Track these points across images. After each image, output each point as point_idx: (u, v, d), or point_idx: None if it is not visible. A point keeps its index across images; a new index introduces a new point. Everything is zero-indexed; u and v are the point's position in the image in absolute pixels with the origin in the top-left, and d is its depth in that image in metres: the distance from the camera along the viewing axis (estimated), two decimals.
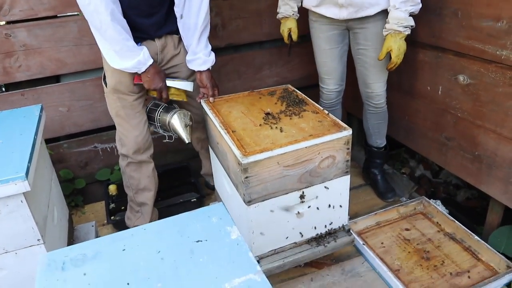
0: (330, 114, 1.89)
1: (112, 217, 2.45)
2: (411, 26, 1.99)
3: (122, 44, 1.81)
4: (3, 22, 2.24)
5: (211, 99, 2.09)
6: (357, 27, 2.17)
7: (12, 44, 2.26)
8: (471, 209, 2.56)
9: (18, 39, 2.27)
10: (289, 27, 2.31)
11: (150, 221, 2.26)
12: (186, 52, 2.12)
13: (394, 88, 2.53)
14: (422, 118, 2.39)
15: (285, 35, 2.35)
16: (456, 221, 2.16)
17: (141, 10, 1.90)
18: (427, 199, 2.36)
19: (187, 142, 2.09)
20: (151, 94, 2.07)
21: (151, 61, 1.92)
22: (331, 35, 2.26)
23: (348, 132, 1.74)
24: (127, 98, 2.03)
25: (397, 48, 2.01)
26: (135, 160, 2.16)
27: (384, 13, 2.07)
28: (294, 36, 2.33)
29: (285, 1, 2.28)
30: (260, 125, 1.83)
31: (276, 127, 1.79)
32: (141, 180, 2.21)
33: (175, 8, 1.99)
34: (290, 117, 1.89)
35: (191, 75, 2.18)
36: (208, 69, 2.10)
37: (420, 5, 1.99)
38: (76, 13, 2.36)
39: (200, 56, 2.06)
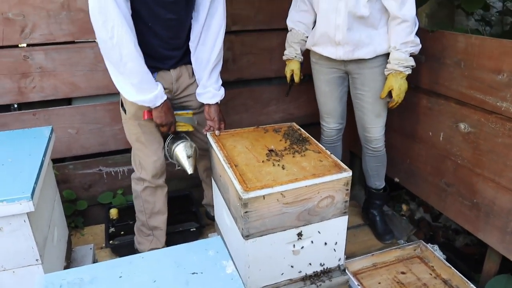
0: (332, 155, 1.93)
1: (111, 241, 2.46)
2: (412, 66, 2.06)
3: (142, 76, 1.85)
4: (24, 45, 2.33)
5: (217, 132, 2.14)
6: (355, 72, 2.23)
7: (29, 65, 2.35)
8: (469, 256, 2.55)
9: (36, 61, 2.35)
10: (291, 69, 2.38)
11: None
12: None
13: (396, 131, 2.58)
14: (423, 162, 2.42)
15: (288, 76, 2.41)
16: (453, 268, 2.16)
17: (170, 44, 1.97)
18: (424, 243, 2.36)
19: (189, 173, 2.13)
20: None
21: (165, 97, 1.97)
22: (332, 78, 2.33)
23: (348, 173, 1.77)
24: (147, 124, 2.08)
25: (398, 87, 2.07)
26: (153, 185, 2.21)
27: (381, 59, 2.15)
28: (296, 78, 2.39)
29: (289, 43, 2.35)
30: (263, 161, 1.86)
31: (279, 165, 1.82)
32: (156, 204, 2.26)
33: (190, 43, 2.07)
34: (292, 155, 1.92)
35: (202, 105, 2.23)
36: (217, 103, 2.16)
37: (420, 46, 2.06)
38: (93, 39, 2.45)
39: (210, 89, 2.12)
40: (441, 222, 2.88)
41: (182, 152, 2.13)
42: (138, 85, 1.86)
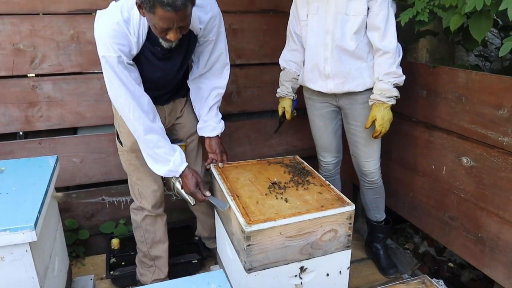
0: (335, 188, 1.93)
1: (111, 272, 2.43)
2: (395, 96, 2.09)
3: (153, 152, 1.90)
4: (33, 75, 2.37)
5: (220, 164, 2.16)
6: (347, 107, 2.27)
7: (37, 95, 2.39)
8: None
9: (44, 91, 2.40)
10: (283, 106, 2.42)
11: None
12: (191, 113, 2.23)
13: (399, 164, 2.59)
14: (426, 196, 2.42)
15: (280, 113, 2.46)
16: None
17: (157, 86, 2.00)
18: (429, 278, 2.32)
19: (192, 204, 2.14)
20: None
21: (183, 166, 1.95)
22: (325, 112, 2.36)
23: (351, 207, 1.77)
24: None
25: (380, 117, 2.10)
26: (153, 214, 2.21)
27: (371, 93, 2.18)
28: (287, 116, 2.43)
29: (282, 82, 2.40)
30: (266, 194, 1.87)
31: (281, 197, 1.83)
32: (157, 233, 2.25)
33: (189, 83, 2.13)
34: (296, 188, 1.93)
35: (190, 136, 2.26)
36: (217, 135, 2.18)
37: (403, 77, 2.09)
38: (100, 71, 2.50)
39: (210, 123, 2.15)
40: (446, 256, 2.84)
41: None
42: (152, 157, 1.92)
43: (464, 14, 1.87)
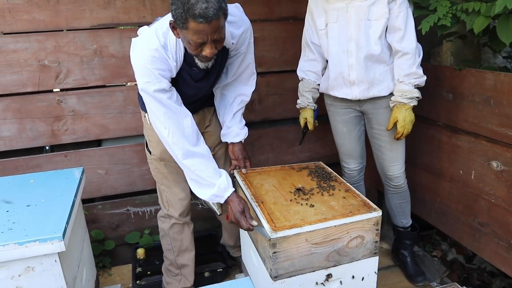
0: (360, 194, 1.90)
1: (137, 282, 2.45)
2: (417, 97, 2.06)
3: (195, 175, 1.84)
4: (58, 89, 2.43)
5: (243, 170, 2.15)
6: (371, 112, 2.24)
7: (63, 109, 2.44)
8: None
9: (68, 105, 2.45)
10: (305, 117, 2.40)
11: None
12: (217, 123, 2.24)
13: (425, 170, 2.54)
14: (454, 202, 2.36)
15: (302, 124, 2.43)
16: None
17: (189, 101, 1.98)
18: (459, 285, 2.26)
19: (219, 214, 2.14)
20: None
21: (229, 191, 1.84)
22: (348, 118, 2.33)
23: (378, 213, 1.74)
24: (173, 164, 2.11)
25: (402, 119, 2.07)
26: (180, 222, 2.22)
27: None
28: (310, 126, 2.40)
29: (301, 92, 2.38)
30: (290, 200, 1.86)
31: (307, 204, 1.81)
32: (184, 241, 2.26)
33: (215, 90, 2.13)
34: (321, 194, 1.91)
35: (218, 144, 2.27)
36: (241, 141, 2.18)
37: (424, 78, 2.06)
38: (123, 83, 2.55)
39: (233, 129, 2.15)
40: (476, 264, 2.76)
41: None
42: (195, 181, 1.86)
43: (489, 16, 1.83)
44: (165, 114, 1.76)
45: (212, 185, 1.82)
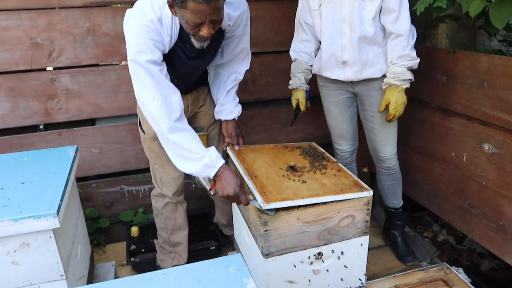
0: (352, 174, 1.92)
1: (132, 259, 2.48)
2: (409, 79, 2.06)
3: (181, 150, 1.76)
4: (51, 68, 2.41)
5: (236, 147, 2.16)
6: (363, 94, 2.25)
7: (56, 88, 2.43)
8: (495, 280, 2.47)
9: (62, 83, 2.43)
10: (297, 98, 2.40)
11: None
12: (213, 101, 2.24)
13: (418, 152, 2.56)
14: (446, 183, 2.39)
15: (294, 105, 2.43)
16: None
17: (184, 81, 1.99)
18: (448, 265, 2.30)
19: (212, 194, 2.16)
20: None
21: (221, 162, 1.76)
22: (340, 100, 2.34)
23: (369, 193, 1.76)
24: None
25: (394, 101, 2.08)
26: (174, 201, 2.24)
27: None
28: (302, 107, 2.40)
29: (294, 73, 2.37)
30: (283, 176, 1.87)
31: (299, 180, 1.83)
32: (177, 220, 2.29)
33: (209, 68, 2.12)
34: (313, 172, 1.93)
35: (212, 123, 2.28)
36: (234, 119, 2.19)
37: (418, 60, 2.06)
38: (116, 62, 2.53)
39: (227, 106, 2.16)
40: (466, 245, 2.81)
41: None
42: (183, 156, 1.77)
43: None
44: (154, 87, 1.70)
45: (202, 157, 1.74)
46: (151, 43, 1.67)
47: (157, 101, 1.71)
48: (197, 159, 1.74)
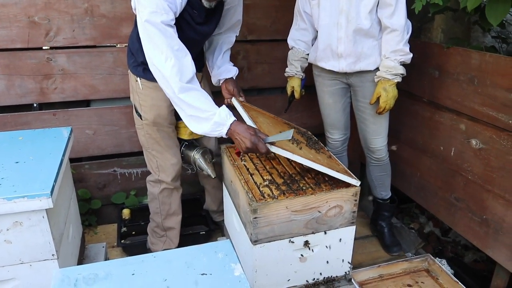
0: (341, 164, 1.96)
1: (122, 241, 2.52)
2: (401, 74, 2.10)
3: (193, 109, 1.74)
4: (47, 47, 2.41)
5: (241, 98, 2.16)
6: (357, 85, 2.28)
7: (52, 67, 2.43)
8: (477, 272, 2.54)
9: (58, 63, 2.43)
10: (292, 86, 2.43)
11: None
12: (207, 87, 2.26)
13: (407, 145, 2.60)
14: (433, 177, 2.44)
15: (288, 92, 2.47)
16: (460, 283, 2.16)
17: (191, 49, 1.95)
18: (432, 257, 2.37)
19: (213, 177, 2.19)
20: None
21: (231, 118, 1.76)
22: (334, 89, 2.37)
23: (357, 182, 1.80)
24: (166, 129, 2.14)
25: (385, 94, 2.12)
26: (171, 186, 2.27)
27: None
28: (296, 95, 2.44)
29: (290, 61, 2.40)
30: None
31: (297, 146, 1.89)
32: (172, 205, 2.32)
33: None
34: (309, 148, 1.98)
35: None
36: (232, 77, 2.20)
37: (410, 55, 2.09)
38: (113, 44, 2.53)
39: (225, 67, 2.19)
40: (451, 237, 2.87)
41: (203, 159, 2.23)
42: (194, 116, 1.76)
43: None
44: (167, 48, 1.69)
45: (213, 114, 1.73)
46: (165, 3, 1.67)
47: (169, 62, 1.69)
48: (207, 117, 1.73)
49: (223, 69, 2.19)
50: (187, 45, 1.87)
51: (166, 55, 1.69)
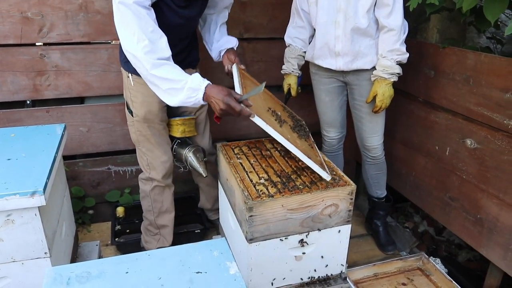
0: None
1: (116, 239, 2.50)
2: (397, 73, 2.11)
3: (167, 81, 1.69)
4: (41, 43, 2.38)
5: (242, 66, 2.13)
6: (354, 83, 2.28)
7: (45, 64, 2.40)
8: (471, 271, 2.55)
9: (51, 60, 2.41)
10: (288, 83, 2.43)
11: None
12: None
13: (403, 144, 2.60)
14: (428, 176, 2.44)
15: (285, 89, 2.47)
16: (454, 282, 2.17)
17: (177, 36, 1.95)
18: (426, 256, 2.37)
19: (204, 176, 2.18)
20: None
21: (205, 82, 1.71)
22: (331, 88, 2.37)
23: (328, 176, 1.80)
24: (156, 126, 2.12)
25: (381, 93, 2.13)
26: (162, 184, 2.25)
27: None
28: (293, 92, 2.44)
29: (287, 59, 2.40)
30: (268, 109, 1.96)
31: (279, 122, 1.90)
32: (164, 203, 2.30)
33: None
34: (292, 131, 1.99)
35: (199, 108, 2.29)
36: (233, 48, 2.19)
37: (407, 55, 2.10)
38: (108, 41, 2.51)
39: (224, 38, 2.19)
40: (445, 236, 2.88)
41: (195, 157, 2.21)
42: (169, 89, 1.71)
43: None
44: (139, 29, 1.64)
45: (186, 82, 1.68)
46: None
47: (141, 43, 1.65)
48: (182, 86, 1.69)
49: (223, 41, 2.18)
50: (173, 30, 1.84)
51: (138, 37, 1.64)
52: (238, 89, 1.82)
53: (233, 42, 2.20)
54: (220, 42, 2.19)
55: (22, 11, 2.28)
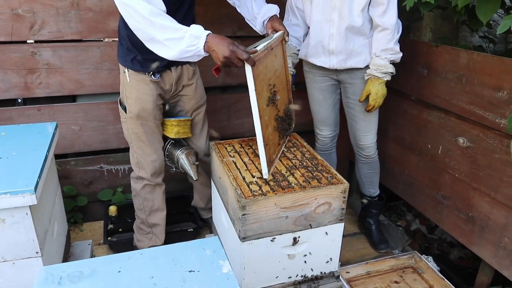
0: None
1: (109, 238, 2.49)
2: (391, 73, 2.12)
3: (167, 28, 1.65)
4: (32, 41, 2.36)
5: (287, 37, 2.08)
6: (347, 82, 2.29)
7: (37, 62, 2.38)
8: (463, 269, 2.57)
9: (43, 57, 2.38)
10: None
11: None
12: (200, 85, 2.23)
13: (396, 142, 2.61)
14: (421, 174, 2.45)
15: None
16: (446, 279, 2.18)
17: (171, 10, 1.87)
18: (419, 254, 2.39)
19: (195, 179, 2.17)
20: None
21: (206, 32, 1.66)
22: (324, 86, 2.37)
23: (265, 174, 1.81)
24: (149, 124, 2.11)
25: (375, 92, 2.14)
26: (152, 183, 2.24)
27: None
28: None
29: None
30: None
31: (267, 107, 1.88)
32: (155, 202, 2.30)
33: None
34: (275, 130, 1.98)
35: (197, 108, 2.28)
36: (276, 15, 2.10)
37: (400, 54, 2.12)
38: (100, 39, 2.49)
39: (265, 7, 2.09)
40: (437, 235, 2.90)
41: (187, 160, 2.21)
42: (169, 37, 1.65)
43: None
44: None
45: (186, 30, 1.64)
46: None
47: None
48: (181, 35, 1.64)
49: (264, 10, 2.09)
50: (172, 2, 1.80)
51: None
52: (261, 47, 1.71)
53: (274, 9, 2.10)
54: (260, 13, 2.09)
55: (12, 8, 2.25)
